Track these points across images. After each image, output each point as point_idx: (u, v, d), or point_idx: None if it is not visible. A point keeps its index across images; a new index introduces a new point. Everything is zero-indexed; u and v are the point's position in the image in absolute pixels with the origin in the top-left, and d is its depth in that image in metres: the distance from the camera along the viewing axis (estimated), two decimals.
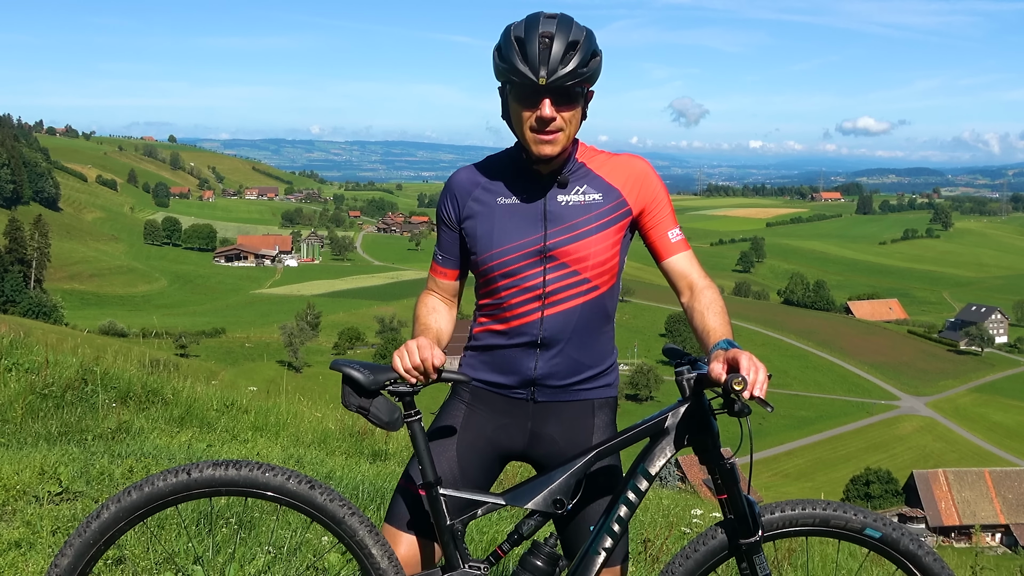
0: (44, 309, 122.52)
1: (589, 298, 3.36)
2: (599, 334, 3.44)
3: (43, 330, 36.12)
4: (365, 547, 3.15)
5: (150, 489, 3.10)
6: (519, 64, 3.13)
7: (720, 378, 2.96)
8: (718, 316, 3.27)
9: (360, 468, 8.67)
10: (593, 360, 3.44)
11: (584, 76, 3.18)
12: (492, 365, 3.45)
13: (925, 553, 3.19)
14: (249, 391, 12.38)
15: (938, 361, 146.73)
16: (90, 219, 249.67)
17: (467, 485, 3.39)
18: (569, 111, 3.21)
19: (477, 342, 3.51)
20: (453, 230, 3.49)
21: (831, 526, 3.22)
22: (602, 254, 3.33)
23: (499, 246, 3.33)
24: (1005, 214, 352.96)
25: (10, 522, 5.71)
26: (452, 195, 3.48)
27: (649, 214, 3.41)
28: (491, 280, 3.37)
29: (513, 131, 3.34)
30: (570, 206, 3.34)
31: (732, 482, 3.17)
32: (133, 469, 7.03)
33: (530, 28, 3.15)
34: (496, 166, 3.47)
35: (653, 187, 3.42)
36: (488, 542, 6.19)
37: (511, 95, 3.25)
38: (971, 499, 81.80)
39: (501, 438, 3.47)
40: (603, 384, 3.51)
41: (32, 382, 9.30)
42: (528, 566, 3.18)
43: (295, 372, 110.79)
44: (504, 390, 3.45)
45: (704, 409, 3.14)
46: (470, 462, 3.44)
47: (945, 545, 65.28)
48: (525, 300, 3.33)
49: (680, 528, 7.35)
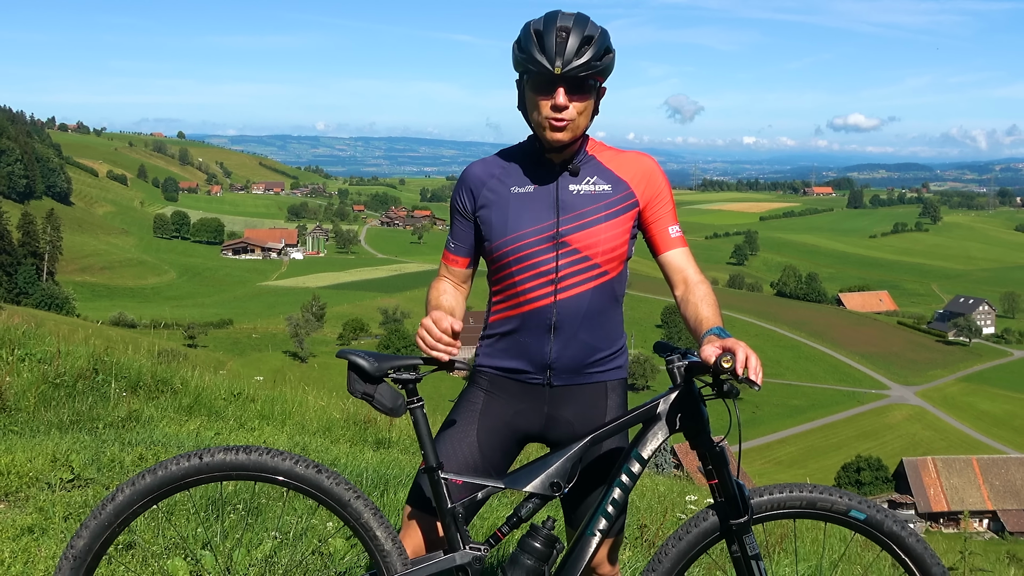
0: (56, 301, 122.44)
1: (599, 282, 3.40)
2: (609, 317, 3.48)
3: (55, 321, 36.09)
4: (370, 529, 3.17)
5: (164, 473, 3.12)
6: (537, 54, 3.22)
7: (711, 359, 3.00)
8: (711, 308, 3.33)
9: (364, 455, 8.69)
10: (604, 343, 3.48)
11: (597, 69, 3.26)
12: (508, 352, 3.48)
13: (908, 535, 3.22)
14: (256, 381, 12.42)
15: (927, 351, 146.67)
16: (101, 213, 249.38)
17: (488, 469, 3.44)
18: (582, 101, 3.28)
19: (493, 330, 3.54)
20: (468, 220, 3.53)
21: (818, 508, 3.25)
22: (612, 241, 3.39)
23: (513, 232, 3.38)
24: (992, 208, 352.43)
25: (23, 508, 5.73)
26: (467, 186, 3.53)
27: (652, 209, 3.47)
28: (506, 265, 3.41)
29: (527, 120, 3.41)
30: (581, 195, 3.40)
31: (722, 466, 3.21)
32: (143, 456, 7.04)
33: (548, 23, 3.25)
34: (510, 158, 3.53)
35: (658, 184, 3.49)
36: (488, 526, 6.22)
37: (528, 84, 3.32)
38: (959, 486, 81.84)
39: (519, 422, 3.51)
40: (614, 366, 3.54)
41: (44, 372, 9.30)
42: (527, 548, 3.21)
43: (301, 362, 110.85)
44: (521, 375, 3.48)
45: (694, 396, 3.19)
46: (491, 446, 3.48)
47: (934, 531, 65.51)
48: (539, 284, 3.37)
49: (675, 514, 7.37)
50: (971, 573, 6.24)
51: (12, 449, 6.73)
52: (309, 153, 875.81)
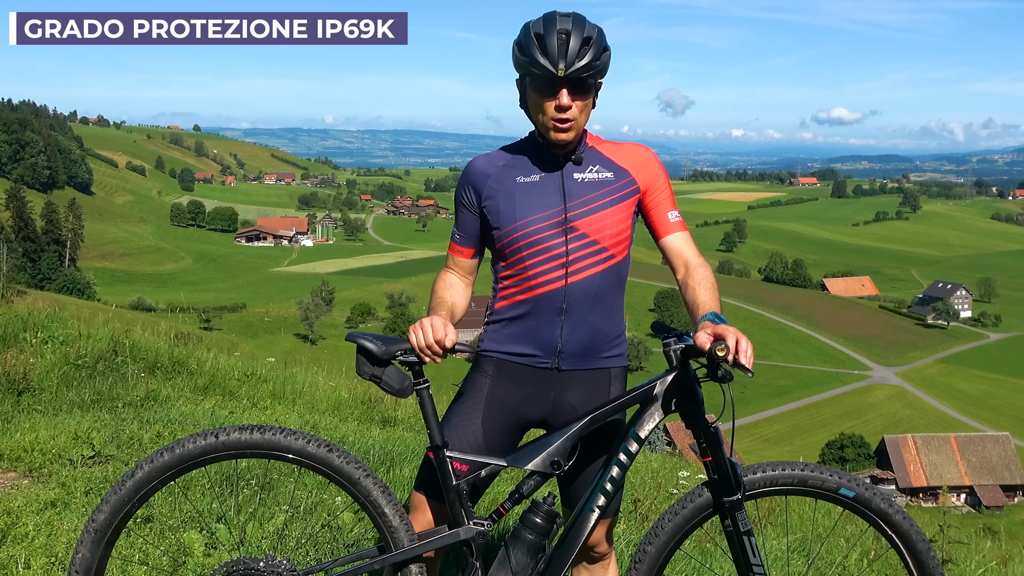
0: (78, 286, 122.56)
1: (608, 266, 3.39)
2: (614, 301, 3.46)
3: (77, 305, 36.10)
4: (378, 506, 3.17)
5: (181, 451, 3.12)
6: (539, 57, 3.20)
7: (705, 345, 2.98)
8: (708, 291, 3.30)
9: (371, 433, 8.69)
10: (610, 327, 3.46)
11: (597, 68, 3.26)
12: (517, 336, 3.44)
13: (895, 511, 3.21)
14: (268, 362, 12.40)
15: (907, 334, 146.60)
16: (120, 202, 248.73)
17: (490, 455, 3.38)
18: (583, 100, 3.28)
19: (500, 315, 3.50)
20: (473, 212, 3.50)
21: (808, 486, 3.24)
22: (617, 225, 3.38)
23: (523, 217, 3.35)
24: (969, 198, 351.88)
25: (46, 483, 5.74)
26: (471, 180, 3.49)
27: (651, 195, 3.46)
28: (517, 250, 3.38)
29: (531, 119, 3.40)
30: (585, 183, 3.39)
31: (716, 445, 3.20)
32: (161, 434, 7.04)
33: (548, 25, 3.22)
34: (513, 152, 3.51)
35: (656, 171, 3.48)
36: (490, 502, 6.21)
37: (530, 86, 3.30)
38: (938, 462, 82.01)
39: (525, 409, 3.47)
40: (617, 353, 3.52)
41: (67, 354, 9.31)
42: (528, 523, 3.21)
43: (311, 344, 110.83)
44: (529, 359, 3.44)
45: (690, 377, 3.18)
46: (494, 432, 3.45)
47: (913, 505, 65.51)
48: (551, 268, 3.34)
49: (668, 489, 7.37)
50: (949, 545, 6.23)
51: (36, 427, 6.73)
52: (319, 145, 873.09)
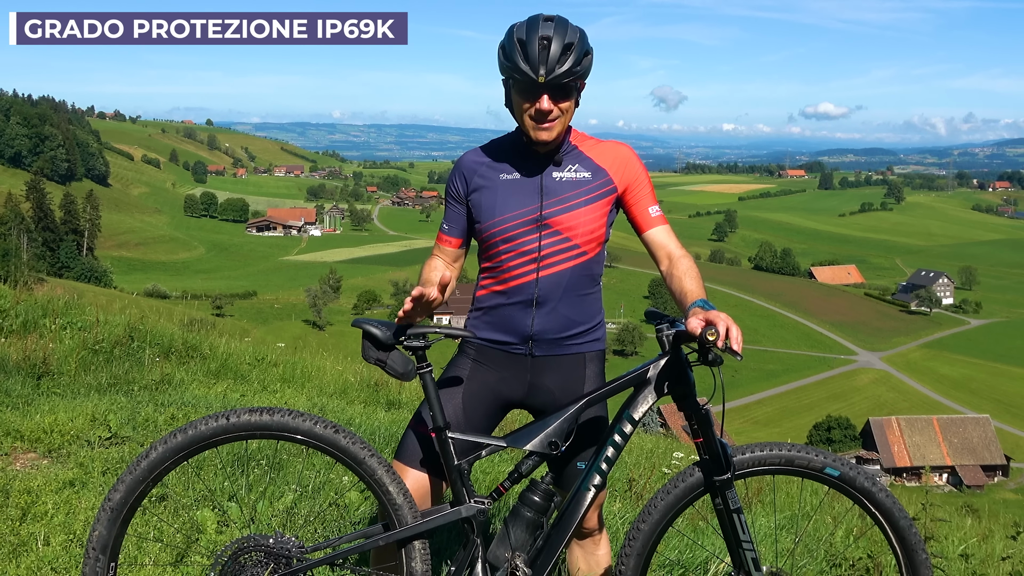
0: (95, 274, 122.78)
1: (578, 262, 3.40)
2: (587, 294, 3.48)
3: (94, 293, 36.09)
4: (383, 485, 3.17)
5: (193, 432, 3.12)
6: (521, 64, 3.20)
7: (696, 331, 2.99)
8: (694, 280, 3.31)
9: (377, 415, 8.70)
10: (582, 317, 3.48)
11: (578, 74, 3.25)
12: (494, 324, 3.48)
13: (879, 490, 3.22)
14: (278, 347, 12.42)
15: (891, 320, 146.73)
16: (136, 194, 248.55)
17: (471, 429, 3.43)
18: (565, 103, 3.29)
19: (480, 304, 3.54)
20: (460, 203, 3.52)
21: (795, 465, 3.24)
22: (590, 224, 3.39)
23: (500, 215, 3.38)
24: (951, 189, 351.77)
25: (65, 463, 5.75)
26: (460, 173, 3.52)
27: (631, 192, 3.47)
28: (493, 245, 3.42)
29: (515, 118, 3.40)
30: (563, 181, 3.40)
31: (707, 426, 3.20)
32: (175, 416, 7.06)
33: (531, 31, 3.21)
34: (499, 148, 3.52)
35: (635, 169, 3.48)
36: (491, 481, 6.23)
37: (514, 89, 3.31)
38: (921, 443, 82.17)
39: (503, 389, 3.51)
40: (592, 339, 3.54)
41: (85, 339, 9.32)
42: (527, 501, 3.22)
43: (319, 330, 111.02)
44: (505, 346, 3.48)
45: (682, 362, 3.18)
46: (474, 409, 3.48)
47: (897, 484, 65.54)
48: (523, 263, 3.38)
49: (661, 469, 7.39)
50: (932, 523, 6.23)
51: (55, 410, 6.73)
52: (326, 139, 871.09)
